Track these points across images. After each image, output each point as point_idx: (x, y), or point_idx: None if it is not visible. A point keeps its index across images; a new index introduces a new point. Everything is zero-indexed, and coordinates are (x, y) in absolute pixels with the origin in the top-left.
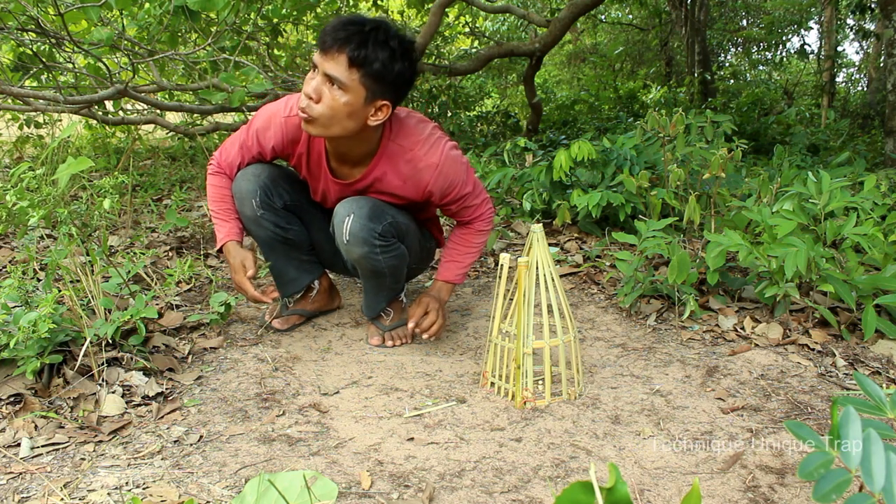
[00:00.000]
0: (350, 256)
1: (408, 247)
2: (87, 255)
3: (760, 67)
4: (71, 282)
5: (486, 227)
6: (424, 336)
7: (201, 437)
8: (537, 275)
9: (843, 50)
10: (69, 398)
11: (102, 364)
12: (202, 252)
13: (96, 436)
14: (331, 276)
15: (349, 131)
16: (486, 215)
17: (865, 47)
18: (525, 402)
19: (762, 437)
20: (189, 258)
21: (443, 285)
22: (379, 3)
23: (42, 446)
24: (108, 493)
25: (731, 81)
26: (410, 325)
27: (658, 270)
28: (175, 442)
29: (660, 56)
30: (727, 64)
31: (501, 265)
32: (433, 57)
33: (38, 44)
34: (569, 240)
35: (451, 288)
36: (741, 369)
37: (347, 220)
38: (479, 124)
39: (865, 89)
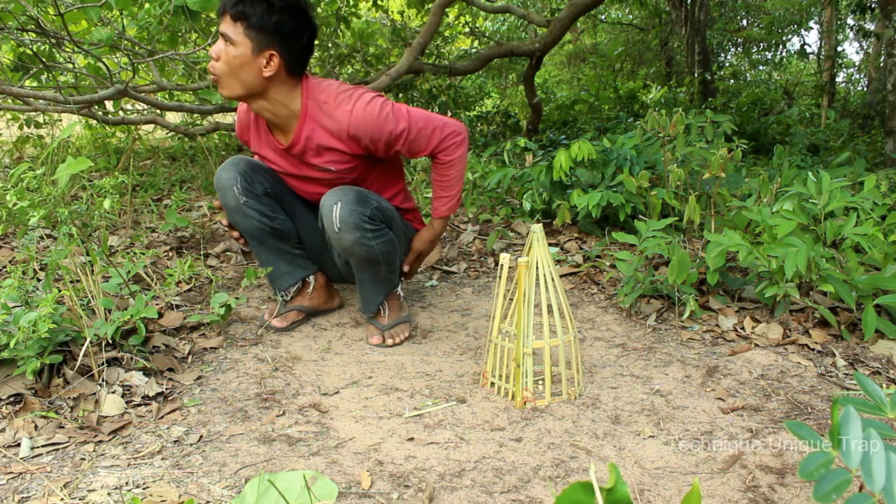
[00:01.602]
0: (342, 245)
1: (395, 234)
2: (87, 255)
3: (760, 67)
4: (71, 282)
5: (449, 155)
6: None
7: (201, 437)
8: (537, 275)
9: (843, 50)
10: (69, 398)
11: (102, 364)
12: (202, 252)
13: (96, 436)
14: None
15: (250, 86)
16: (446, 143)
17: (865, 47)
18: (525, 402)
19: (762, 437)
20: (189, 258)
21: (436, 221)
22: (379, 2)
23: (42, 446)
24: (108, 493)
25: (731, 81)
26: (406, 268)
27: (658, 270)
28: (175, 442)
29: (660, 56)
30: (727, 64)
31: (501, 265)
32: (433, 57)
33: (38, 44)
34: (569, 240)
35: (445, 223)
36: (741, 369)
37: (336, 208)
38: (479, 124)
39: (865, 89)
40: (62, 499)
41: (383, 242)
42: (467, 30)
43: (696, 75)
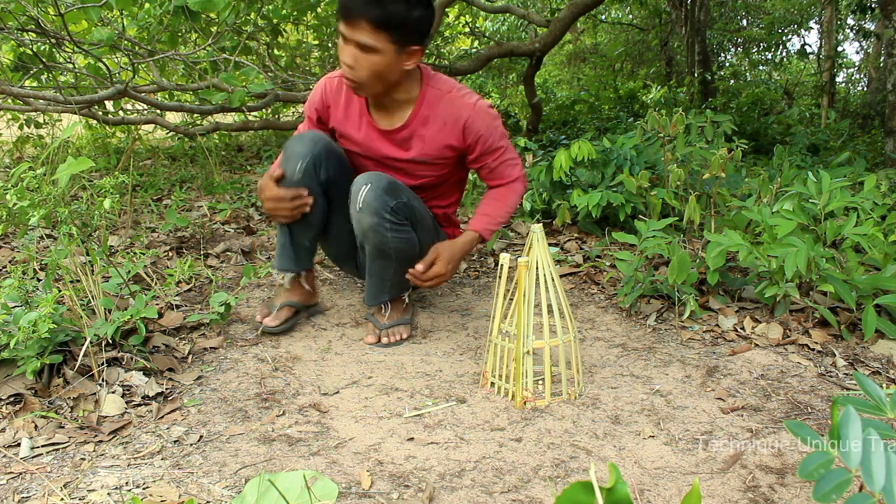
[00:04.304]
0: (360, 226)
1: (420, 239)
2: (87, 255)
3: (760, 67)
4: (71, 282)
5: (523, 188)
6: (417, 282)
7: (201, 437)
8: (537, 275)
9: (843, 50)
10: (69, 398)
11: (102, 364)
12: (202, 252)
13: (96, 436)
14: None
15: (391, 82)
16: (523, 178)
17: (865, 47)
18: (525, 402)
19: (762, 437)
20: (189, 258)
21: (470, 234)
22: None
23: (42, 446)
24: (108, 493)
25: (731, 81)
26: (419, 267)
27: (658, 270)
28: (175, 442)
29: (660, 56)
30: (727, 64)
31: (501, 265)
32: (433, 57)
33: (38, 44)
34: (569, 240)
35: (476, 240)
36: (741, 369)
37: (364, 189)
38: None
39: (865, 89)
40: (62, 499)
41: (400, 239)
42: (467, 30)
43: (696, 75)
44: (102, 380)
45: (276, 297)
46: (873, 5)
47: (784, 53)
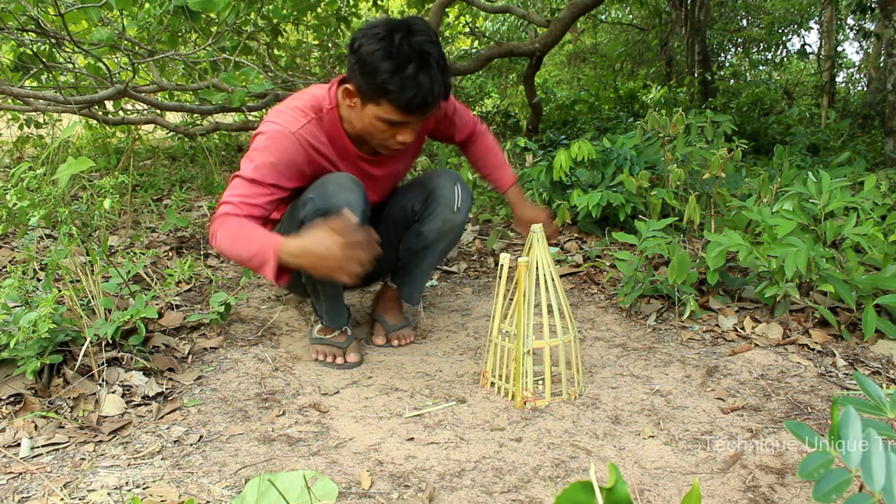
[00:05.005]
0: (451, 226)
1: None
2: (87, 255)
3: (760, 67)
4: (71, 282)
5: (484, 131)
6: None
7: (201, 437)
8: (537, 275)
9: (843, 50)
10: (69, 398)
11: (102, 364)
12: (202, 252)
13: (96, 436)
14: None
15: None
16: (479, 123)
17: (865, 47)
18: (525, 402)
19: (762, 437)
20: (189, 258)
21: (514, 189)
22: (379, 3)
23: (42, 446)
24: (108, 493)
25: (732, 81)
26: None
27: (658, 270)
28: (175, 442)
29: (660, 56)
30: (727, 64)
31: (501, 265)
32: None
33: (38, 44)
34: (569, 240)
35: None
36: (741, 369)
37: (457, 189)
38: None
39: (865, 89)
40: (62, 499)
41: None
42: (467, 30)
43: (696, 75)
44: (102, 380)
45: (329, 337)
46: (873, 5)
47: (784, 53)
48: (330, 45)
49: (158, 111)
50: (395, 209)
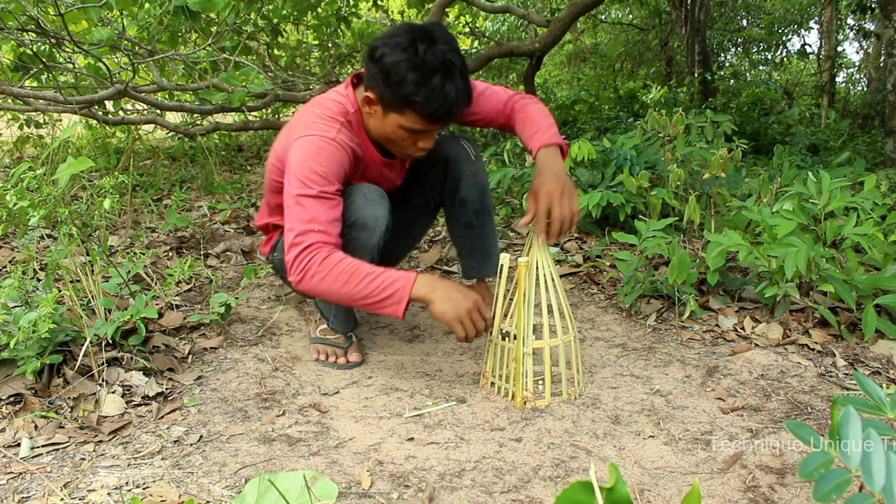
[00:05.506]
0: (477, 175)
1: None
2: (87, 255)
3: (760, 67)
4: (71, 282)
5: (526, 100)
6: (558, 231)
7: (201, 437)
8: (537, 275)
9: (843, 50)
10: (69, 398)
11: (102, 364)
12: (202, 252)
13: (96, 436)
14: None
15: None
16: (515, 96)
17: (865, 47)
18: (525, 402)
19: (762, 437)
20: (189, 258)
21: (543, 152)
22: (379, 3)
23: (42, 446)
24: (108, 493)
25: (731, 81)
26: (540, 230)
27: (658, 270)
28: (175, 442)
29: (660, 56)
30: (727, 64)
31: (501, 265)
32: None
33: (38, 44)
34: (569, 240)
35: (561, 154)
36: (741, 369)
37: (463, 143)
38: None
39: (865, 89)
40: (62, 499)
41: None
42: (467, 30)
43: (696, 75)
44: (102, 380)
45: (332, 338)
46: (873, 5)
47: (784, 53)
48: (330, 45)
49: (158, 111)
50: (415, 197)
